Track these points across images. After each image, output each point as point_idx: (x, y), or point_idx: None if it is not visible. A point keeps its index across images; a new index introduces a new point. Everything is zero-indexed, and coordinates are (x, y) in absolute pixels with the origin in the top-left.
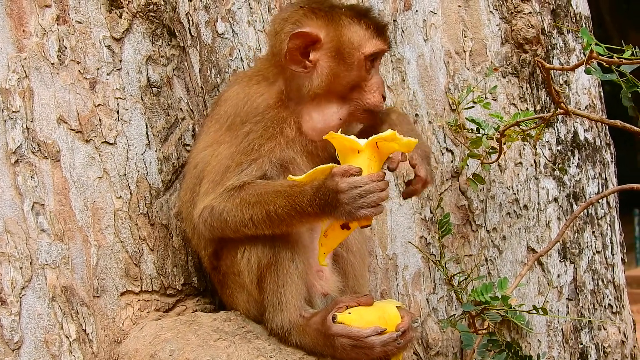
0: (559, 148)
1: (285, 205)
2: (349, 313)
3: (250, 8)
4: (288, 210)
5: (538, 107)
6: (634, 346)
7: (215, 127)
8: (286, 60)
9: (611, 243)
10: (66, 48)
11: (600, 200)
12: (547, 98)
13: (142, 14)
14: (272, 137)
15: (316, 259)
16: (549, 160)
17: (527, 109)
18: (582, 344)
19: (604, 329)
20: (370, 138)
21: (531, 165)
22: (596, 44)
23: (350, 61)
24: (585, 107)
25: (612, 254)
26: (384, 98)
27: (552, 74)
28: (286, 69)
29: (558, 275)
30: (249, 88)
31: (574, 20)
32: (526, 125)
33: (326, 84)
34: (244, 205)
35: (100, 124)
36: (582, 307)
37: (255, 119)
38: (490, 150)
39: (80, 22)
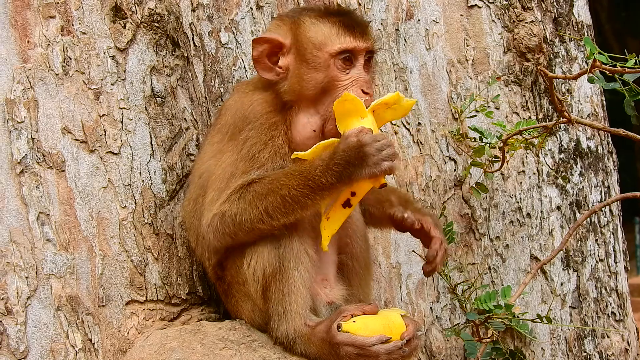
0: (561, 156)
1: (299, 184)
2: (354, 322)
3: (254, 18)
4: (302, 189)
5: (540, 116)
6: (638, 354)
7: (217, 138)
8: (256, 69)
9: (614, 251)
10: (70, 59)
11: (603, 208)
12: (550, 106)
13: (145, 25)
14: (267, 143)
15: (321, 268)
16: (551, 169)
17: (530, 117)
18: (585, 352)
19: (608, 336)
20: (373, 103)
21: (534, 173)
22: (599, 53)
23: (314, 62)
24: (588, 116)
25: (615, 262)
26: (367, 94)
27: (555, 83)
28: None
29: (561, 284)
30: (244, 96)
31: (575, 29)
32: (529, 134)
33: (296, 87)
34: (257, 197)
35: (105, 134)
36: (585, 315)
37: (248, 126)
38: (493, 159)
39: (84, 33)
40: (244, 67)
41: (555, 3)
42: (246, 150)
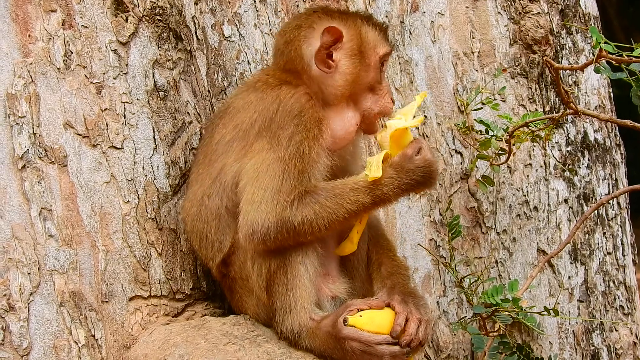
0: (568, 149)
1: (368, 201)
2: (360, 316)
3: (257, 11)
4: (369, 205)
5: (547, 108)
6: None
7: (236, 136)
8: (316, 59)
9: (622, 244)
10: (72, 53)
11: (610, 201)
12: (557, 99)
13: (148, 18)
14: (316, 138)
15: (323, 262)
16: (558, 161)
17: (536, 109)
18: (593, 345)
19: (616, 330)
20: (410, 109)
21: (541, 166)
22: (606, 43)
23: (369, 61)
24: (595, 108)
25: (623, 255)
26: (392, 102)
27: (561, 74)
28: (302, 74)
29: (569, 277)
30: (273, 90)
31: (582, 21)
32: (535, 126)
33: (349, 84)
34: (325, 210)
35: (107, 129)
36: (593, 308)
37: (294, 121)
38: (500, 152)
39: (85, 27)
40: (247, 61)
41: None
42: (295, 147)
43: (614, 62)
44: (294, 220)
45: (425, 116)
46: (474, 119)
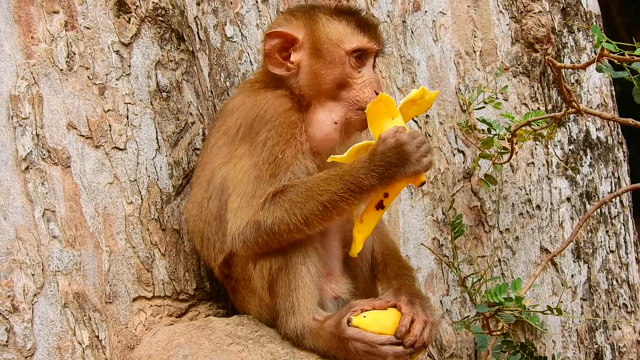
0: (571, 147)
1: (340, 189)
2: (364, 317)
3: (259, 11)
4: (343, 194)
5: (549, 107)
6: None
7: (223, 141)
8: (266, 63)
9: (625, 242)
10: (75, 54)
11: (613, 200)
12: (559, 97)
13: (150, 19)
14: (289, 142)
15: (326, 262)
16: (561, 160)
17: (539, 108)
18: (597, 344)
19: (619, 328)
20: (402, 101)
21: (543, 165)
22: (607, 42)
23: (331, 58)
24: (597, 106)
25: (626, 253)
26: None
27: (563, 73)
28: (275, 75)
29: (572, 275)
30: (255, 95)
31: (584, 19)
32: (538, 125)
33: (312, 83)
34: (295, 206)
35: (110, 130)
36: (596, 307)
37: (267, 127)
38: (502, 151)
39: (88, 28)
40: (250, 61)
41: None
42: (268, 152)
43: (616, 61)
44: (267, 221)
45: (428, 115)
46: (476, 118)
